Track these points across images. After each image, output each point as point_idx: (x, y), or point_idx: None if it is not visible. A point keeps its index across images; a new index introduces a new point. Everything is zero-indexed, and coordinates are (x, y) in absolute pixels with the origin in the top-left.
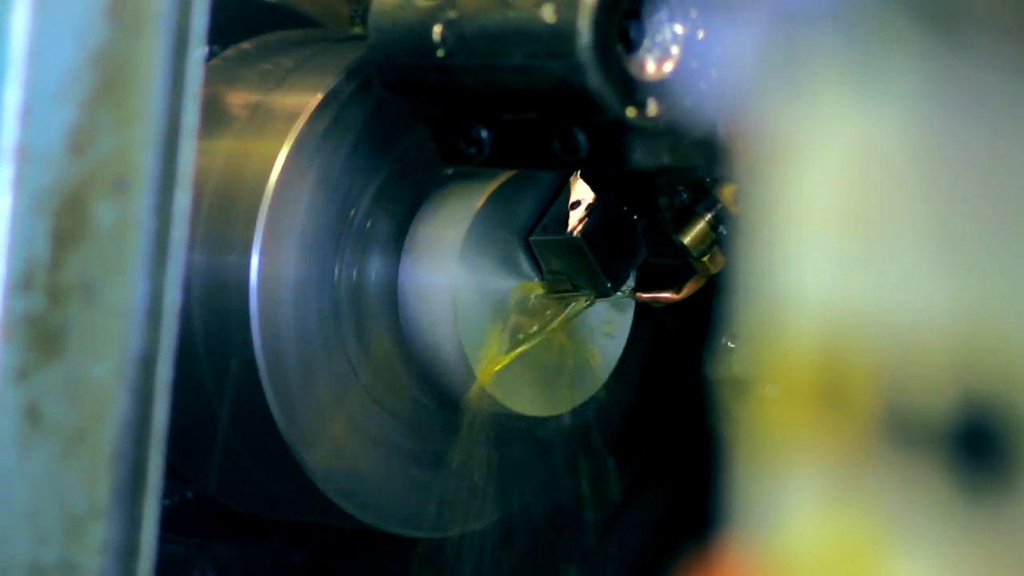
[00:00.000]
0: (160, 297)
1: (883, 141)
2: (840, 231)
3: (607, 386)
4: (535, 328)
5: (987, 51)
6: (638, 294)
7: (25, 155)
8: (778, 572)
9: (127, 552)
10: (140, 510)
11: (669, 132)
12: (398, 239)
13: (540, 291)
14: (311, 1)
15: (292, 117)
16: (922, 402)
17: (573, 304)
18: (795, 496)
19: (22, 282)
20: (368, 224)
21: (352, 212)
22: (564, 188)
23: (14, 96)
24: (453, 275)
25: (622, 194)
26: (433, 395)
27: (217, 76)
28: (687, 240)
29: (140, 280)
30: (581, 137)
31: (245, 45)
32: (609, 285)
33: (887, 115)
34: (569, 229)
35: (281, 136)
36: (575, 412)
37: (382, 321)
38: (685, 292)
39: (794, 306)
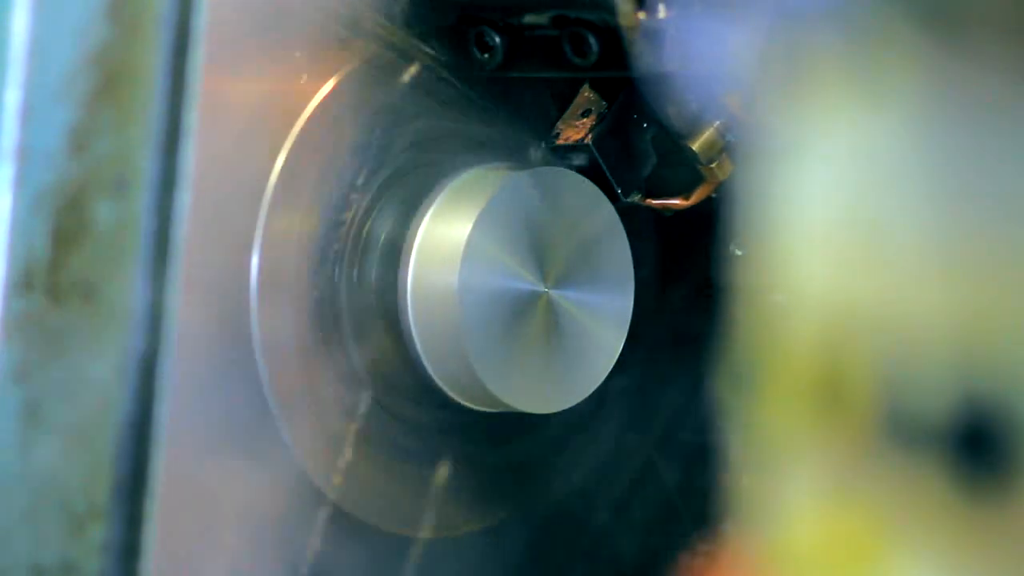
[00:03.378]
0: (160, 297)
1: (883, 142)
2: (841, 231)
3: None
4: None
5: (987, 52)
6: (648, 200)
7: (25, 155)
8: (778, 570)
9: (127, 552)
10: (140, 510)
11: (680, 37)
12: (399, 238)
13: None
14: None
15: (292, 116)
16: (922, 402)
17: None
18: (795, 494)
19: (22, 282)
20: (369, 223)
21: (352, 212)
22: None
23: (14, 96)
24: (455, 275)
25: (632, 101)
26: (436, 395)
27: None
28: (696, 147)
29: (140, 280)
30: (592, 42)
31: None
32: (620, 191)
33: (887, 116)
34: (580, 136)
35: (281, 135)
36: None
37: (383, 321)
38: (694, 198)
39: (795, 305)
